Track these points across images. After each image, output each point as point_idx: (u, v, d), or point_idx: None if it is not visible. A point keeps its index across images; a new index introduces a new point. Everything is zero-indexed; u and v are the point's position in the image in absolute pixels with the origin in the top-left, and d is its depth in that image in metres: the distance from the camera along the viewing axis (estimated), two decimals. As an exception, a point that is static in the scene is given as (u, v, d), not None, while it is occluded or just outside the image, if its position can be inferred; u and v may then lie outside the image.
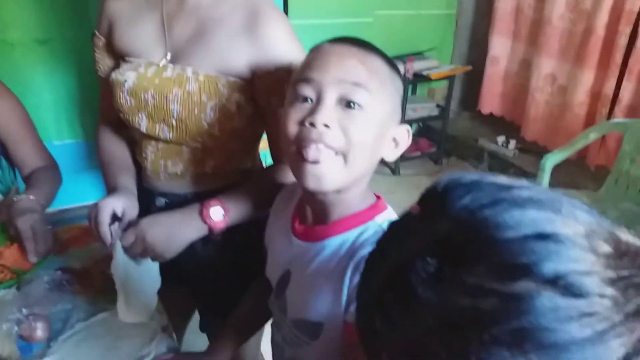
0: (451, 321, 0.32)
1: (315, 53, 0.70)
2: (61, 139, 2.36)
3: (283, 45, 0.88)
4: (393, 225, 0.43)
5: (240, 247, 1.00)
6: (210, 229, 0.87)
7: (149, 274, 0.90)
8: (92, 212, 0.87)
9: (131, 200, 0.92)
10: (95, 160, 2.44)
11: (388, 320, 0.37)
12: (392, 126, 0.71)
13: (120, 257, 0.86)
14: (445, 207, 0.37)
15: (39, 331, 0.83)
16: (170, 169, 0.97)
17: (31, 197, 1.08)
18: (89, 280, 0.99)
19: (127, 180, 0.98)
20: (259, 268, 0.92)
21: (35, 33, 2.22)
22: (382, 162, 0.75)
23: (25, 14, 2.17)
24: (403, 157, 2.91)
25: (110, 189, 0.95)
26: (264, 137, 1.02)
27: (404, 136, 0.72)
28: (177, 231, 0.86)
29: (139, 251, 0.85)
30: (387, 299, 0.37)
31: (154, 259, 0.87)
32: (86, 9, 2.18)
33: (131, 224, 0.87)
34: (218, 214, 0.87)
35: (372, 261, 0.43)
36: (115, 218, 0.88)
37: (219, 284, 1.04)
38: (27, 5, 2.14)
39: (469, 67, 3.23)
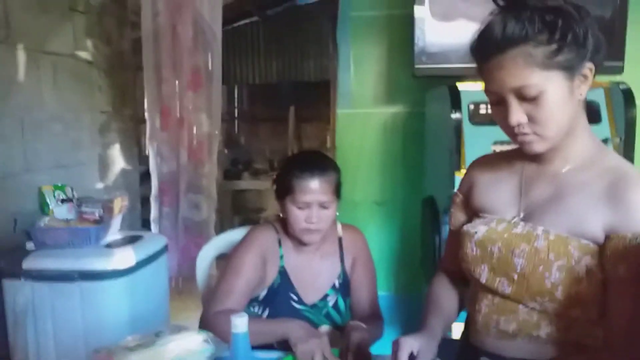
0: None
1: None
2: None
3: None
4: None
5: None
6: None
7: None
8: (395, 347, 0.92)
9: (430, 342, 0.95)
10: (397, 316, 2.55)
11: None
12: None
13: None
14: None
15: None
16: (502, 326, 0.94)
17: (364, 325, 1.21)
18: None
19: (436, 322, 1.02)
20: None
21: (375, 196, 2.60)
22: None
23: (369, 179, 2.59)
24: None
25: (420, 327, 1.00)
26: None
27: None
28: None
29: None
30: None
31: None
32: (419, 176, 2.47)
33: None
34: None
35: None
36: (412, 357, 0.91)
37: None
38: (372, 172, 2.55)
39: None
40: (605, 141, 1.84)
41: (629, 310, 0.83)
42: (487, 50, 0.85)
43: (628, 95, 1.86)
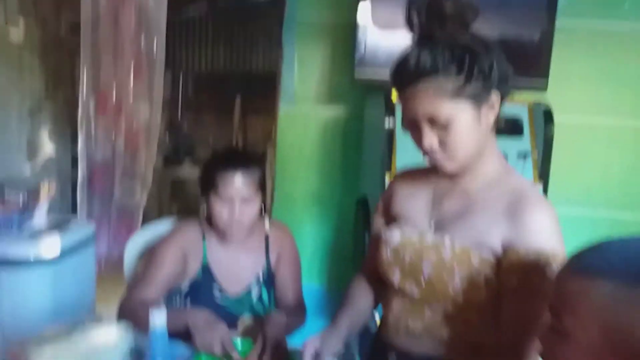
0: None
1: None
2: (309, 281, 2.65)
3: (539, 234, 0.92)
4: None
5: None
6: None
7: None
8: (302, 349, 1.02)
9: (332, 337, 1.04)
10: (328, 308, 2.63)
11: None
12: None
13: None
14: None
15: None
16: (410, 326, 1.03)
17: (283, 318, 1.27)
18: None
19: (344, 319, 1.10)
20: None
21: (313, 193, 2.64)
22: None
23: (308, 176, 2.63)
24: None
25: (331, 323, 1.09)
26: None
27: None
28: None
29: None
30: None
31: None
32: (355, 177, 2.55)
33: None
34: None
35: None
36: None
37: None
38: (311, 170, 2.60)
39: None
40: (525, 154, 1.97)
41: (516, 315, 0.93)
42: (402, 80, 0.93)
43: (547, 114, 2.01)
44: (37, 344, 0.98)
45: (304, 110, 2.56)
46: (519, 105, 2.05)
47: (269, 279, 1.48)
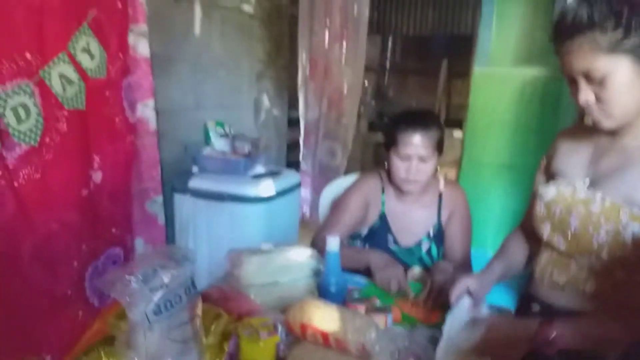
0: None
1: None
2: (494, 249, 2.64)
3: None
4: None
5: None
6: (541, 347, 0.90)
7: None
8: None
9: (484, 281, 1.10)
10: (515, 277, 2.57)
11: None
12: None
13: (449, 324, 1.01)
14: None
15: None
16: (554, 277, 1.07)
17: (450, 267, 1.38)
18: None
19: (497, 265, 1.17)
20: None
21: (503, 159, 2.59)
22: None
23: (499, 141, 2.57)
24: None
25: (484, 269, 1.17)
26: None
27: None
28: (511, 346, 0.93)
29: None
30: None
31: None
32: (551, 143, 2.42)
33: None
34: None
35: None
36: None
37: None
38: (503, 134, 2.54)
39: None
40: None
41: None
42: (559, 35, 0.94)
43: None
44: (248, 254, 1.30)
45: (499, 72, 2.50)
46: None
47: (439, 235, 1.58)
